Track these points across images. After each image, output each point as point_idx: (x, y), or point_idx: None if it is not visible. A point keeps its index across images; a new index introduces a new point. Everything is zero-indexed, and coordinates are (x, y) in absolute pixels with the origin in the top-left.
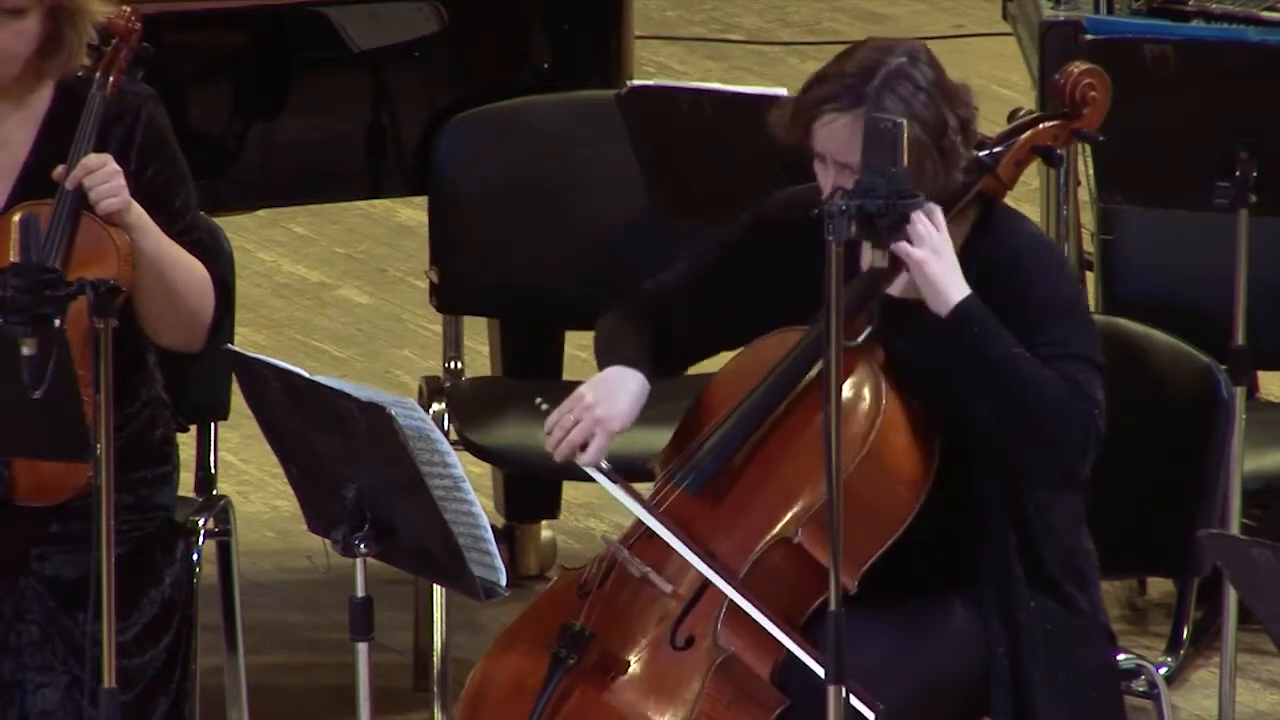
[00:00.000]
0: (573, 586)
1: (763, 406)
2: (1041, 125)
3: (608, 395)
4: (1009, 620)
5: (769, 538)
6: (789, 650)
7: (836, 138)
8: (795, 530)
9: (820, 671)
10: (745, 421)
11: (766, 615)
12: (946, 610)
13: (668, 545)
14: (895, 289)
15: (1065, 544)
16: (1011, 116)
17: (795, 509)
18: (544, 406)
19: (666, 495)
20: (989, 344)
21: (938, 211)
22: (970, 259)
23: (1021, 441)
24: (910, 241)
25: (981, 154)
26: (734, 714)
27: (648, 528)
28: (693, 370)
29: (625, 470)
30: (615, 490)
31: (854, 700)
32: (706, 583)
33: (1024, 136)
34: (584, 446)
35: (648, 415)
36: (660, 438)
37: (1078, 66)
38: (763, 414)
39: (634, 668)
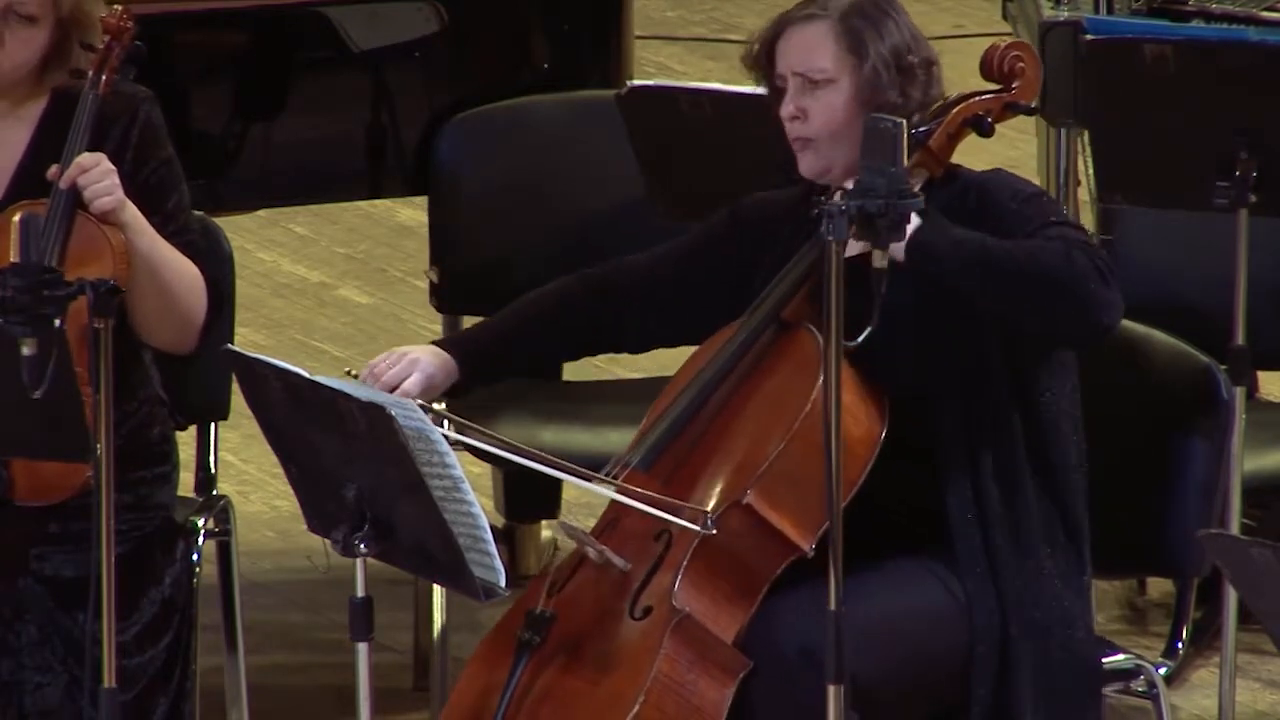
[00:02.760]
0: (539, 587)
1: (710, 382)
2: (973, 99)
3: (422, 350)
4: (987, 599)
5: (721, 502)
6: (761, 607)
7: (798, 44)
8: (744, 492)
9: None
10: (693, 398)
11: (655, 504)
12: (928, 586)
13: (627, 526)
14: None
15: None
16: (943, 100)
17: (743, 472)
18: (348, 370)
19: (619, 474)
20: (964, 247)
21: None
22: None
23: (1046, 309)
24: None
25: (914, 131)
26: (694, 675)
27: (611, 521)
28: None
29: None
30: (476, 442)
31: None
32: (663, 553)
33: (955, 110)
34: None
35: (626, 416)
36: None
37: (1003, 41)
38: (710, 389)
39: (596, 642)
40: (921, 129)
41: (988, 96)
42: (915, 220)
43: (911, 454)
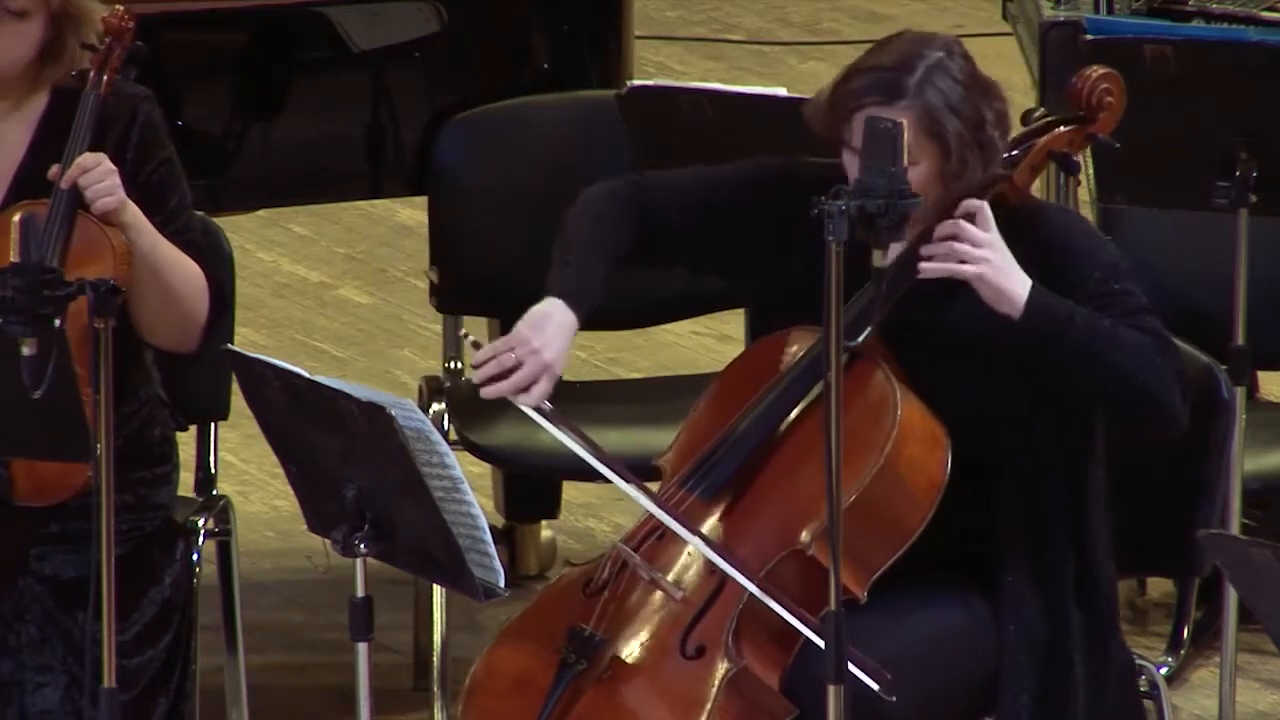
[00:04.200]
0: (578, 584)
1: (775, 412)
2: (1058, 130)
3: (553, 339)
4: (1027, 618)
5: (782, 547)
6: (802, 650)
7: None
8: (810, 542)
9: (860, 674)
10: (758, 427)
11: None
12: (960, 608)
13: (677, 550)
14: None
15: (1088, 545)
16: (1025, 119)
17: (809, 520)
18: (471, 338)
19: (680, 500)
20: (1069, 326)
21: (984, 209)
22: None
23: (1122, 404)
24: (963, 259)
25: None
26: None
27: (656, 530)
28: (690, 368)
29: (636, 471)
30: (558, 432)
31: (860, 673)
32: (718, 590)
33: (1040, 141)
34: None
35: (651, 415)
36: (663, 437)
37: (1095, 70)
38: (776, 420)
39: (643, 676)
40: (1006, 157)
41: (1072, 128)
42: (1024, 277)
43: (967, 477)
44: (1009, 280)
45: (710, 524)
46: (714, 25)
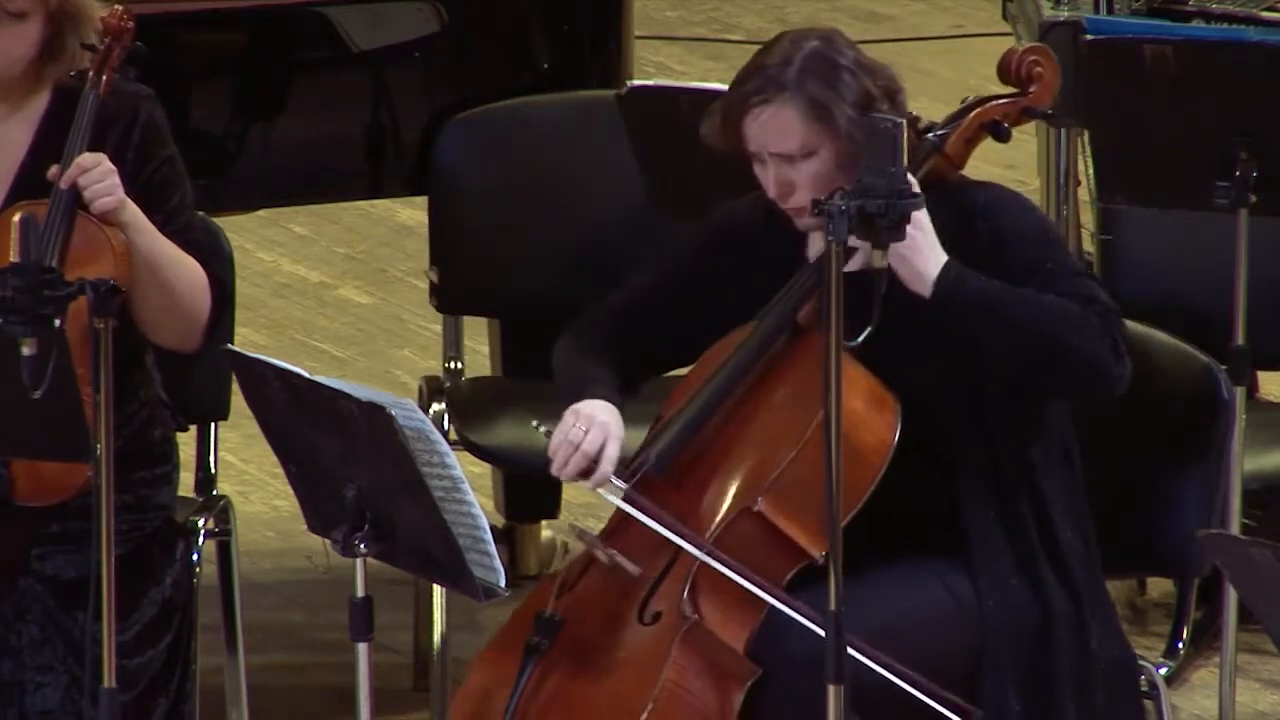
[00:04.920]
0: (549, 588)
1: (723, 386)
2: (990, 103)
3: (602, 408)
4: (1003, 600)
5: (732, 509)
6: (769, 614)
7: (768, 128)
8: (755, 499)
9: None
10: (706, 401)
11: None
12: (932, 588)
13: (634, 528)
14: (853, 264)
15: (1055, 524)
16: (962, 103)
17: (756, 480)
18: (543, 429)
19: (628, 478)
20: (980, 299)
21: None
22: (937, 234)
23: (1055, 371)
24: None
25: (930, 135)
26: (703, 682)
27: (622, 519)
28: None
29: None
30: (636, 513)
31: (945, 711)
32: (673, 558)
33: (972, 114)
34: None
35: (651, 415)
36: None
37: (1023, 45)
38: (723, 393)
39: (605, 647)
40: (938, 133)
41: (1005, 101)
42: (941, 256)
43: (925, 455)
44: (923, 261)
45: (661, 497)
46: (714, 25)
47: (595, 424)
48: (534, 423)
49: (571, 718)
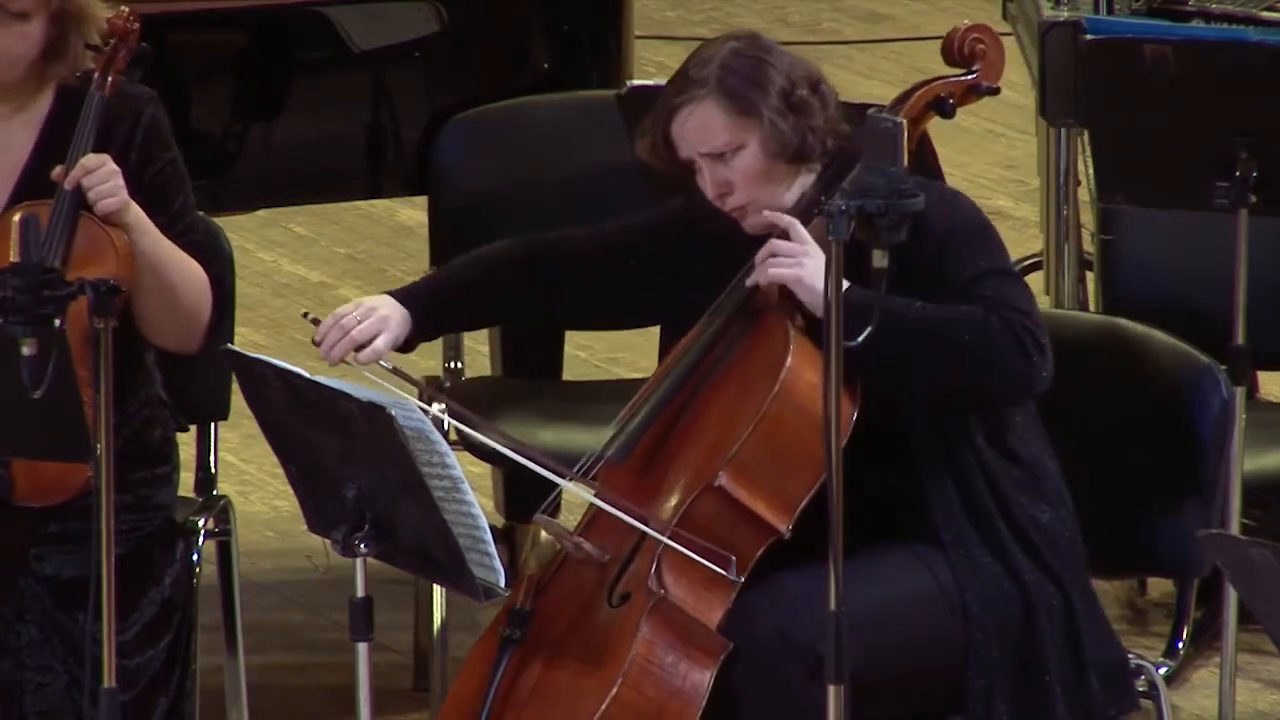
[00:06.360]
0: (524, 586)
1: (682, 373)
2: (934, 82)
3: (387, 303)
4: (981, 584)
5: (693, 486)
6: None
7: (693, 129)
8: (716, 474)
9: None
10: (666, 389)
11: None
12: (914, 573)
13: (601, 518)
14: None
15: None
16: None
17: (714, 455)
18: (310, 317)
19: (589, 467)
20: (888, 319)
21: (794, 225)
22: None
23: (968, 380)
24: (776, 267)
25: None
26: (673, 657)
27: (591, 512)
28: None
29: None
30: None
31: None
32: (639, 544)
33: (917, 94)
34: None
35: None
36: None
37: (965, 23)
38: (682, 379)
39: (577, 633)
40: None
41: (949, 79)
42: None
43: (889, 443)
44: (820, 283)
45: (626, 484)
46: (714, 25)
47: (374, 316)
48: (304, 312)
49: (548, 704)
